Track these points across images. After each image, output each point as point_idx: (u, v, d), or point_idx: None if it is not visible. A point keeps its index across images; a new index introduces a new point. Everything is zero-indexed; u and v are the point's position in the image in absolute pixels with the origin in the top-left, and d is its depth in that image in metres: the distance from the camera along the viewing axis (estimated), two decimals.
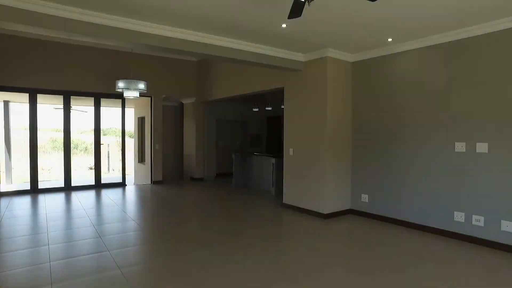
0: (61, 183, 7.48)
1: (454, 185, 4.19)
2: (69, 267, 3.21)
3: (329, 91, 5.18)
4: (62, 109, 7.44)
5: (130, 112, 10.65)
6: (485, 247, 3.84)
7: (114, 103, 8.21)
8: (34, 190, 7.05)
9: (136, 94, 6.08)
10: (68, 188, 7.44)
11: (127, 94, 6.02)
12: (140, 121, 9.98)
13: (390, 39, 4.53)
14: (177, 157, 10.30)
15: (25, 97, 7.02)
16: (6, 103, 8.71)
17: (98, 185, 7.83)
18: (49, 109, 9.51)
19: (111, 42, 3.97)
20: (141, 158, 10.01)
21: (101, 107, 7.87)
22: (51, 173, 12.72)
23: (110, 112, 9.85)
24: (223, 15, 3.69)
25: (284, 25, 3.97)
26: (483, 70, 3.93)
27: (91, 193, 7.14)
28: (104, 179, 8.21)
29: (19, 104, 8.74)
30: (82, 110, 10.08)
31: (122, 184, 8.17)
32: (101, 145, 7.98)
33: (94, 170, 7.87)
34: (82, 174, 13.03)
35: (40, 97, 7.36)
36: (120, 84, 5.81)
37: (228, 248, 3.78)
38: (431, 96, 4.43)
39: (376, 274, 3.12)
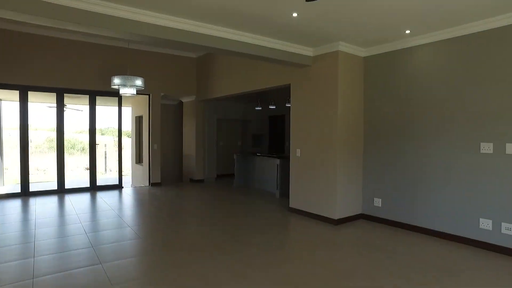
0: (54, 185, 7.10)
1: (479, 189, 3.84)
2: (55, 284, 2.84)
3: (340, 87, 4.82)
4: (55, 108, 7.06)
5: (128, 111, 10.29)
6: None
7: (111, 101, 7.84)
8: (25, 193, 6.67)
9: (133, 91, 5.71)
10: (61, 190, 7.06)
11: (124, 91, 5.65)
12: (138, 120, 9.61)
13: (408, 31, 4.17)
14: (176, 158, 9.93)
15: (16, 94, 6.64)
16: None
17: (94, 188, 7.45)
18: (45, 107, 9.13)
19: (106, 32, 3.60)
20: (138, 159, 9.64)
21: (98, 106, 7.51)
22: (46, 174, 12.35)
23: (108, 111, 9.48)
24: (227, 2, 3.33)
25: (295, 14, 3.61)
26: None
27: (86, 196, 6.77)
28: (101, 180, 7.86)
29: (12, 102, 8.39)
30: (78, 109, 9.71)
31: (118, 186, 7.79)
32: (97, 145, 7.61)
33: (89, 171, 7.49)
34: (79, 174, 12.66)
35: (33, 95, 7.01)
36: (116, 81, 5.43)
37: (232, 258, 3.43)
38: (452, 92, 4.08)
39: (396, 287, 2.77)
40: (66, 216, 5.19)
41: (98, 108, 7.68)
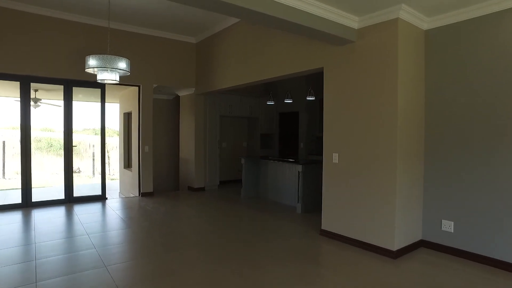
0: (19, 198, 5.66)
1: None
2: None
3: (400, 73, 3.49)
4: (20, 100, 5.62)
5: (118, 108, 8.88)
6: None
7: (95, 96, 6.40)
8: None
9: (115, 76, 4.31)
10: (26, 204, 5.63)
11: (103, 76, 4.24)
12: (127, 118, 8.21)
13: None
14: (171, 162, 8.53)
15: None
16: None
17: (70, 199, 6.04)
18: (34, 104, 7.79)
19: None
20: (127, 163, 8.23)
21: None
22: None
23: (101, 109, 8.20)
24: None
25: None
26: None
27: (58, 213, 5.35)
28: (86, 187, 6.53)
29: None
30: (55, 104, 8.27)
31: (101, 198, 6.38)
32: (74, 147, 6.22)
33: (64, 180, 6.07)
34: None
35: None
36: (92, 62, 4.02)
37: None
38: None
39: None
40: (21, 246, 3.78)
41: (92, 105, 6.36)
